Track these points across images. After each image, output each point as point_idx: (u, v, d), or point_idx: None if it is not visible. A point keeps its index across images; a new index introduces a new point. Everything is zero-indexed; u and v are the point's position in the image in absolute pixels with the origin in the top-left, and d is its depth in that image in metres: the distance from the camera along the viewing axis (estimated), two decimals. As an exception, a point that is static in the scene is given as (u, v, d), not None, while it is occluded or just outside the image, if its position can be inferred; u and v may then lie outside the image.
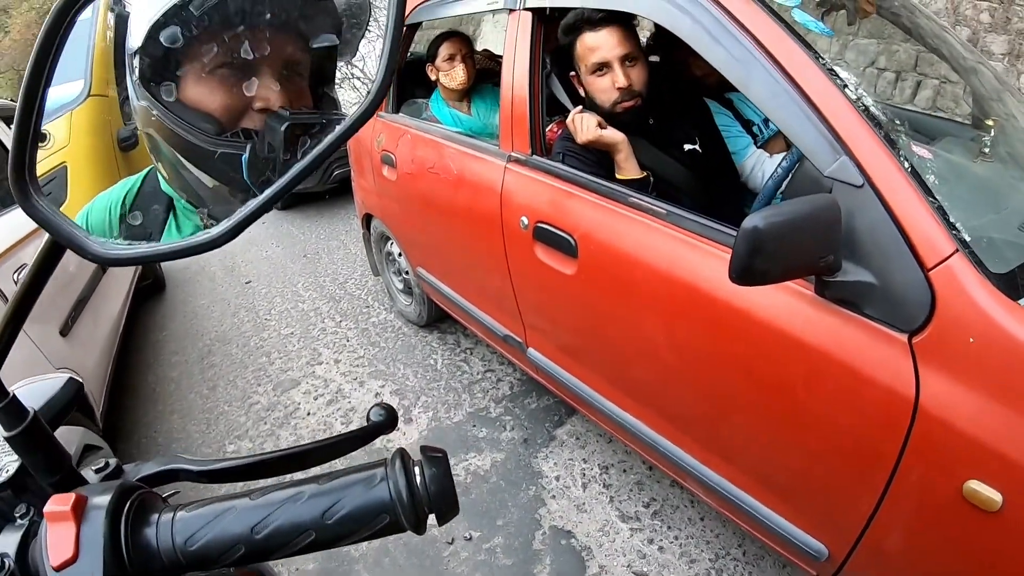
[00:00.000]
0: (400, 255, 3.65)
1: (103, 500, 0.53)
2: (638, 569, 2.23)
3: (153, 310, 4.91)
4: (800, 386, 1.53)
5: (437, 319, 3.82)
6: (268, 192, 0.51)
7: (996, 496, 1.20)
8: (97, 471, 0.68)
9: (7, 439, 0.60)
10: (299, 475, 0.62)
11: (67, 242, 0.46)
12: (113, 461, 0.69)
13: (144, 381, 3.92)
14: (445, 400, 3.25)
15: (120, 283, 3.97)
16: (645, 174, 2.02)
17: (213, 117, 0.68)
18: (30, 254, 3.87)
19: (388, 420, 0.75)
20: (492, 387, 3.30)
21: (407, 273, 3.66)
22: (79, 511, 0.52)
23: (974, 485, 1.23)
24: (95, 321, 3.22)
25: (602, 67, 2.01)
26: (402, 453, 0.58)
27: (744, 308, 1.58)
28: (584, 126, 2.01)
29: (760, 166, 2.25)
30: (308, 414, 3.31)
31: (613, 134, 1.99)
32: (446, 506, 0.56)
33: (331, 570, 2.37)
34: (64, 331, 2.75)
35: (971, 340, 1.22)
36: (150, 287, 5.11)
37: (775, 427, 1.65)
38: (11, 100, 3.85)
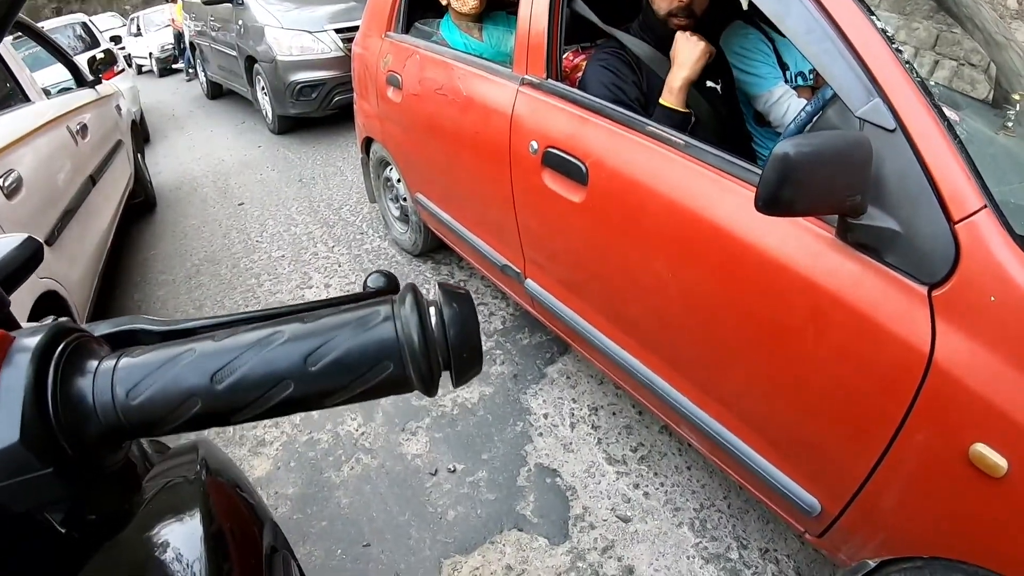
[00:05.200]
0: (399, 181, 3.58)
1: (31, 341, 0.43)
2: (622, 513, 2.21)
3: (143, 229, 4.88)
4: (810, 332, 1.48)
5: (432, 248, 3.78)
6: None
7: (1002, 462, 1.16)
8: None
9: None
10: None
11: None
12: (64, 319, 0.58)
13: (130, 298, 3.90)
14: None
15: (110, 197, 3.93)
16: (689, 111, 1.97)
17: None
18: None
19: (388, 287, 0.63)
20: (484, 320, 3.25)
21: (404, 200, 3.60)
22: (1, 353, 0.42)
23: (981, 449, 1.19)
24: (82, 234, 3.17)
25: None
26: (413, 288, 0.47)
27: (759, 246, 1.52)
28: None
29: (787, 98, 2.19)
30: (295, 337, 3.25)
31: (699, 44, 1.96)
32: (468, 356, 0.45)
33: (311, 495, 2.35)
34: (49, 241, 2.69)
35: (992, 299, 1.18)
36: (140, 206, 5.08)
37: (779, 373, 1.60)
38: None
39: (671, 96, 1.96)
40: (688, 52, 1.94)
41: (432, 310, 0.45)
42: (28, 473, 0.40)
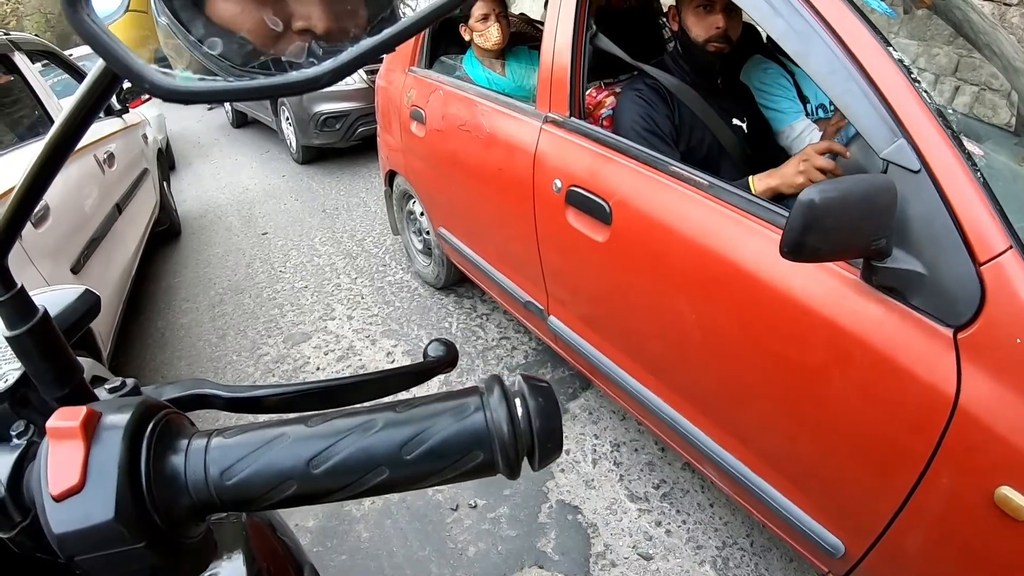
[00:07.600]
0: (422, 214, 3.60)
1: (120, 418, 0.43)
2: (644, 551, 2.19)
3: (167, 256, 4.92)
4: (835, 374, 1.47)
5: (454, 282, 3.78)
6: (388, 32, 0.37)
7: (1028, 504, 1.15)
8: (111, 390, 0.58)
9: (8, 339, 0.50)
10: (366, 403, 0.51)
11: (121, 67, 0.34)
12: (131, 381, 0.59)
13: (153, 326, 3.92)
14: (458, 365, 3.17)
15: (135, 226, 3.97)
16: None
17: (244, 40, 0.50)
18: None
19: (448, 357, 0.67)
20: (507, 355, 3.25)
21: (428, 233, 3.62)
22: (90, 429, 0.42)
23: (1006, 491, 1.18)
24: (108, 262, 3.21)
25: (708, 5, 2.03)
26: (500, 380, 0.48)
27: (783, 288, 1.52)
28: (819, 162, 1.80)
29: (809, 133, 2.20)
30: (318, 369, 3.28)
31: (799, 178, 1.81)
32: (551, 445, 0.47)
33: (331, 528, 2.35)
34: (76, 269, 2.73)
35: (1018, 341, 1.17)
36: (165, 233, 5.12)
37: (803, 414, 1.60)
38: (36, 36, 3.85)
39: (756, 184, 1.87)
40: (791, 172, 1.81)
41: (517, 401, 0.47)
42: (121, 546, 0.41)
